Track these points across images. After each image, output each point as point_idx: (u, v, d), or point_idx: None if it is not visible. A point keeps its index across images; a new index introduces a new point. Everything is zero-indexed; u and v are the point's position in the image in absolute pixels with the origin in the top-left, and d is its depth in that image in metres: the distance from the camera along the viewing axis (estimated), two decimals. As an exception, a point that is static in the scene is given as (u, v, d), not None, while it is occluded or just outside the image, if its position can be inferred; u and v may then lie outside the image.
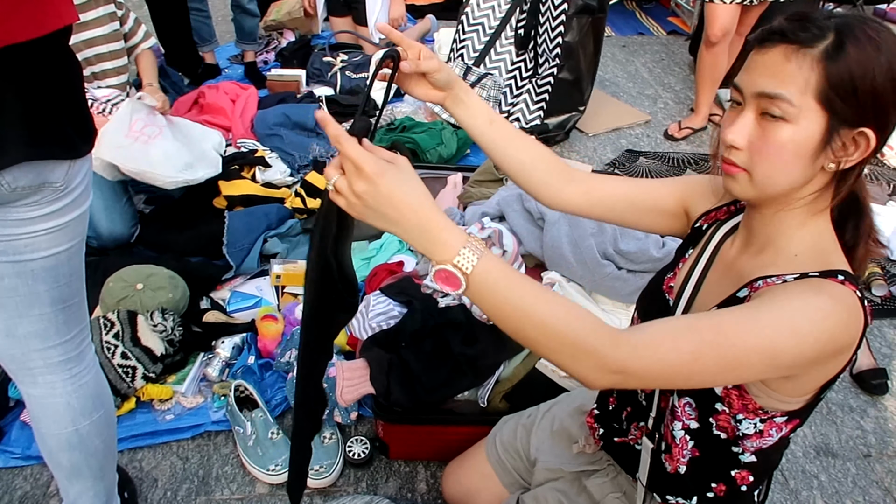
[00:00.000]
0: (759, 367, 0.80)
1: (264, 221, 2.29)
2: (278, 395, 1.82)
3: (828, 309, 0.80)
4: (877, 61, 0.79)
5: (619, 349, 0.77)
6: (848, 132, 0.81)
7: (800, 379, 0.87)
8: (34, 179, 0.99)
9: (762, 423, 0.92)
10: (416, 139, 2.83)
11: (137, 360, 1.80)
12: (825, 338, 0.80)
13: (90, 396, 1.25)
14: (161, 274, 1.98)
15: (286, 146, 2.80)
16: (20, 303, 1.10)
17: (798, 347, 0.79)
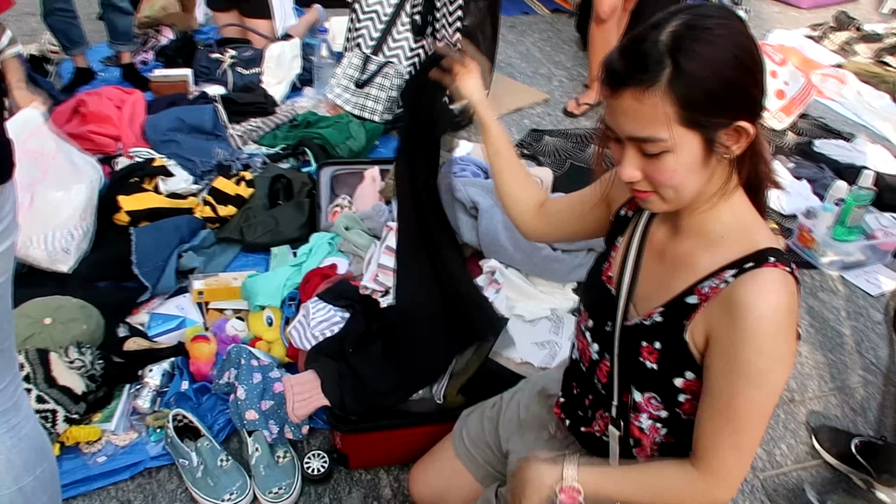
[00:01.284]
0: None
1: (176, 235, 2.15)
2: (220, 420, 1.72)
3: (783, 321, 0.87)
4: (719, 61, 0.82)
5: (702, 486, 0.96)
6: (725, 132, 0.85)
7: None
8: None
9: None
10: (324, 134, 2.74)
11: (56, 402, 1.64)
12: (791, 333, 0.89)
13: (32, 449, 1.12)
14: (70, 305, 1.81)
15: (185, 152, 2.62)
16: None
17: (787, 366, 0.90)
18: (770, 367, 0.88)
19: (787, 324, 0.88)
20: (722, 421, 0.92)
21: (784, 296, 0.88)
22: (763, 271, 0.88)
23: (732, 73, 0.82)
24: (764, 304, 0.87)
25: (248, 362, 1.70)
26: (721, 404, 0.92)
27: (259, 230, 2.26)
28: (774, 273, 0.88)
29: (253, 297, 1.88)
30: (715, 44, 0.82)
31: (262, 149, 2.76)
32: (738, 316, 0.87)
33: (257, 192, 2.41)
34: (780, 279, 0.88)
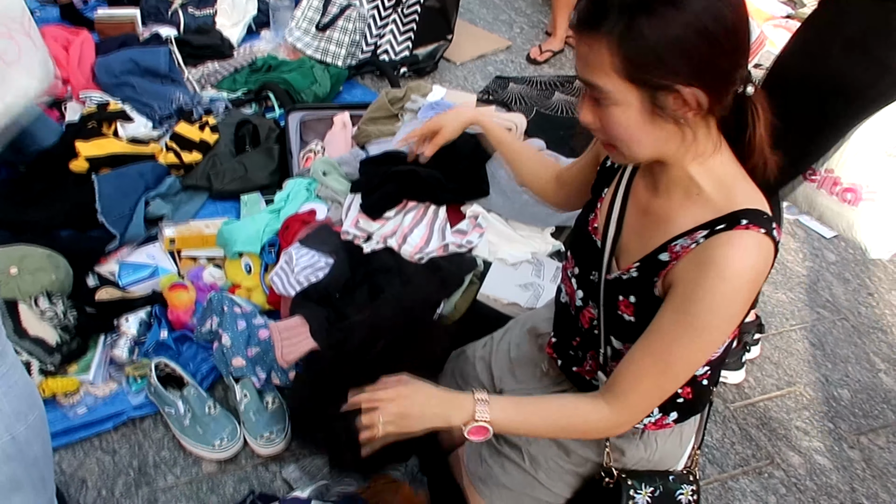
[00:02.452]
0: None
1: (141, 182, 2.06)
2: (203, 367, 1.69)
3: (744, 285, 0.88)
4: (679, 25, 0.80)
5: (612, 421, 1.00)
6: (672, 97, 0.84)
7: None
8: None
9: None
10: (288, 79, 2.65)
11: (29, 353, 1.58)
12: (749, 297, 0.90)
13: (21, 397, 1.08)
14: (36, 254, 1.72)
15: (141, 96, 2.50)
16: None
17: (733, 327, 0.94)
18: (717, 325, 0.91)
19: (748, 288, 0.89)
20: (652, 362, 0.96)
21: (751, 259, 0.88)
22: (734, 234, 0.88)
23: (692, 40, 0.81)
24: (728, 265, 0.87)
25: (231, 309, 1.67)
26: (658, 347, 0.95)
27: (227, 177, 2.19)
28: (745, 236, 0.88)
29: (231, 244, 1.84)
30: (683, 8, 0.80)
31: (224, 93, 2.66)
32: (702, 273, 0.89)
33: (222, 138, 2.33)
34: (751, 242, 0.88)
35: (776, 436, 1.72)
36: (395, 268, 1.72)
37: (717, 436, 1.71)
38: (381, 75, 2.99)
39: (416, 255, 1.72)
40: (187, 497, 1.47)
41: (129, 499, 1.46)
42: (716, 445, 1.69)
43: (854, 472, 1.65)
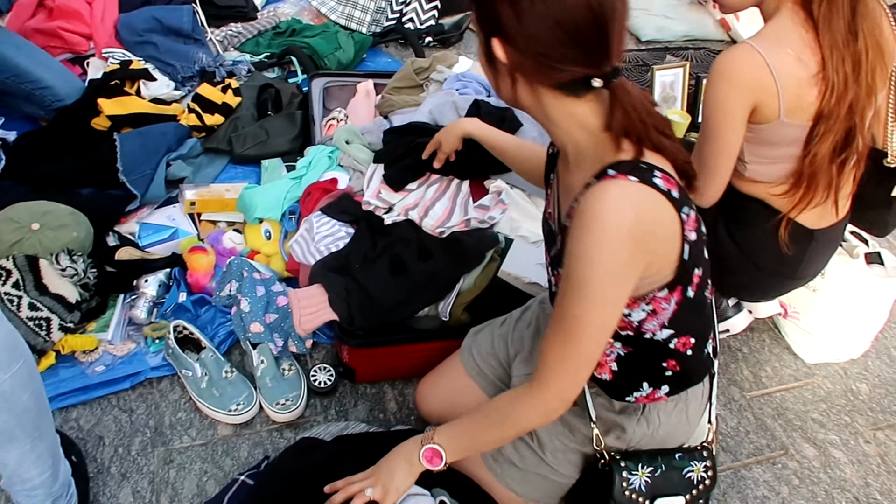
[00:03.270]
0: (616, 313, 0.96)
1: (163, 142, 2.05)
2: (221, 332, 1.69)
3: (613, 232, 0.88)
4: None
5: (540, 407, 1.02)
6: (489, 43, 0.92)
7: (656, 258, 0.95)
8: None
9: (648, 306, 1.01)
10: (311, 44, 2.61)
11: (49, 309, 1.58)
12: (629, 247, 0.89)
13: (3, 349, 1.07)
14: (58, 210, 1.72)
15: (163, 55, 2.47)
16: None
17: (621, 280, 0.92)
18: (598, 279, 0.90)
19: (623, 237, 0.88)
20: (554, 331, 0.98)
21: (618, 207, 0.88)
22: (599, 185, 0.90)
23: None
24: (595, 217, 0.89)
25: (251, 275, 1.67)
26: (556, 315, 0.97)
27: (249, 141, 2.17)
28: (610, 185, 0.90)
29: (251, 210, 1.83)
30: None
31: (246, 56, 2.63)
32: (576, 228, 0.91)
33: (244, 101, 2.31)
34: (618, 191, 0.89)
35: (791, 427, 1.71)
36: (416, 240, 1.70)
37: (732, 424, 1.70)
38: (405, 44, 2.94)
39: (437, 229, 1.71)
40: (203, 459, 1.48)
41: (144, 457, 1.47)
42: (730, 433, 1.68)
43: (869, 467, 1.64)
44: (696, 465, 1.17)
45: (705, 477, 1.17)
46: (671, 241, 0.95)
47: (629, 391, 1.14)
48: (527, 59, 0.90)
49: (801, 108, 1.31)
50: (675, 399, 1.18)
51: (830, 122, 1.31)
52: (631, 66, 3.05)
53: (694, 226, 0.97)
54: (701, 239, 1.00)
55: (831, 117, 1.30)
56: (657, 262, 0.95)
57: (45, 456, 1.18)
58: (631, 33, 3.35)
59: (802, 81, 1.29)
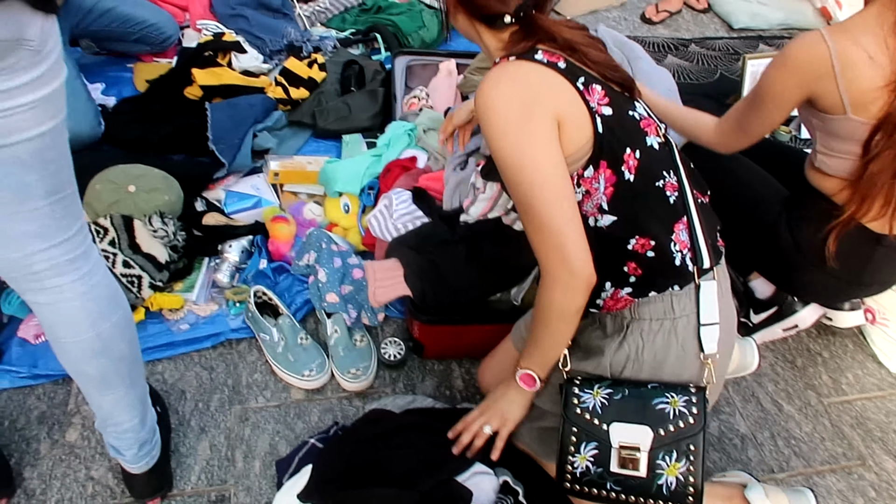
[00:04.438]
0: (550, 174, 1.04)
1: (251, 113, 2.11)
2: (297, 300, 1.75)
3: (493, 100, 1.03)
4: None
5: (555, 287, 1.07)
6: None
7: (561, 133, 1.05)
8: (10, 32, 0.85)
9: (581, 188, 1.08)
10: (396, 21, 2.64)
11: (141, 268, 1.67)
12: (516, 112, 1.02)
13: (105, 298, 1.13)
14: (152, 174, 1.81)
15: (254, 29, 2.55)
16: (11, 198, 0.96)
17: (534, 138, 1.02)
18: (511, 153, 1.02)
19: (500, 102, 1.02)
20: (526, 229, 1.07)
21: (493, 80, 1.04)
22: (491, 68, 1.09)
23: None
24: (481, 102, 1.04)
25: (329, 246, 1.71)
26: (520, 214, 1.08)
27: (331, 116, 2.22)
28: (494, 69, 1.07)
29: (332, 183, 1.87)
30: None
31: (332, 32, 2.67)
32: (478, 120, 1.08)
33: (329, 76, 2.35)
34: (495, 71, 1.06)
35: (871, 437, 1.64)
36: (495, 230, 1.70)
37: (807, 429, 1.65)
38: (488, 24, 2.92)
39: (517, 224, 1.70)
40: (276, 419, 1.54)
41: (222, 413, 1.55)
42: (804, 439, 1.63)
43: (953, 486, 1.56)
44: (672, 397, 1.08)
45: (686, 413, 1.06)
46: (571, 107, 1.04)
47: (596, 294, 1.14)
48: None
49: (867, 108, 1.26)
50: (658, 317, 1.12)
51: (894, 137, 1.25)
52: (721, 53, 2.95)
53: (604, 100, 1.06)
54: (623, 119, 1.08)
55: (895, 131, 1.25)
56: (566, 129, 1.04)
57: (135, 403, 1.26)
58: (723, 20, 3.23)
59: (870, 82, 1.23)
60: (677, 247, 1.11)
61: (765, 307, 1.77)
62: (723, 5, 3.24)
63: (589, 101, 1.05)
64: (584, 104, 1.04)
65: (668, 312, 1.12)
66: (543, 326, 1.13)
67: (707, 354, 1.12)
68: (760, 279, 1.76)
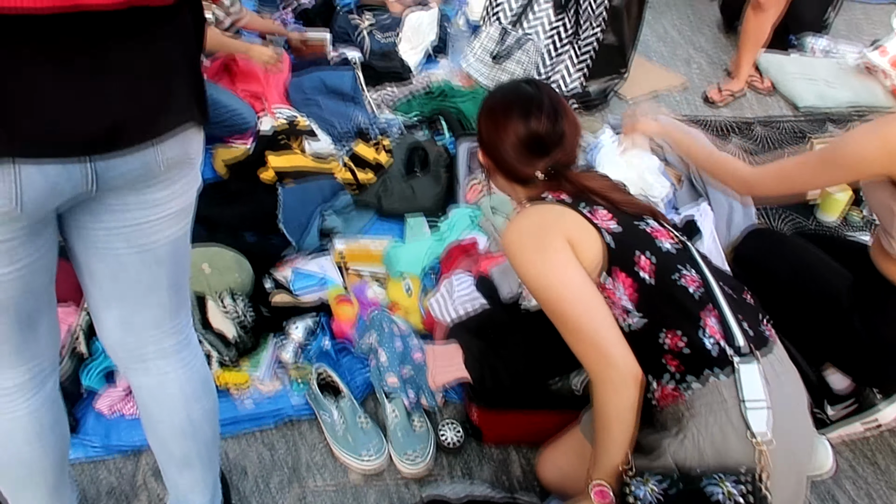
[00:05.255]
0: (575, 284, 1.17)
1: (319, 196, 2.22)
2: (357, 380, 1.78)
3: (518, 239, 1.21)
4: (482, 107, 1.35)
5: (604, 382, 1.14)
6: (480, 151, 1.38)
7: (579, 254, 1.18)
8: (182, 151, 0.93)
9: (606, 297, 1.17)
10: (460, 106, 2.74)
11: (211, 345, 1.74)
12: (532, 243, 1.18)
13: (200, 381, 1.19)
14: (226, 254, 1.90)
15: (325, 114, 2.69)
16: (143, 292, 1.04)
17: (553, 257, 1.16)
18: (538, 279, 1.16)
19: (527, 239, 1.19)
20: (568, 341, 1.16)
21: (517, 225, 1.22)
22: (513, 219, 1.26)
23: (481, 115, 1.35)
24: (505, 243, 1.22)
25: (390, 328, 1.75)
26: (560, 332, 1.18)
27: (396, 198, 2.29)
28: (513, 215, 1.25)
29: (395, 265, 1.92)
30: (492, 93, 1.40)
31: (399, 116, 2.80)
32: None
33: (395, 159, 2.45)
34: (516, 217, 1.25)
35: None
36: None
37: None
38: (550, 107, 3.00)
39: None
40: (333, 502, 1.54)
41: (281, 493, 1.56)
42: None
43: None
44: (726, 486, 1.05)
45: (735, 493, 1.04)
46: (582, 230, 1.18)
47: (645, 391, 1.17)
48: (497, 164, 1.33)
49: None
50: (710, 406, 1.10)
51: None
52: (786, 135, 2.92)
53: (609, 218, 1.20)
54: (642, 233, 1.21)
55: None
56: (580, 249, 1.16)
57: (209, 484, 1.30)
58: (787, 100, 3.21)
59: None
60: (708, 333, 1.14)
61: (842, 401, 1.69)
62: (788, 86, 3.23)
63: (593, 220, 1.19)
64: (590, 223, 1.18)
65: (719, 401, 1.12)
66: (605, 431, 1.15)
67: (755, 433, 1.08)
68: (836, 371, 1.68)
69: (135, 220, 0.97)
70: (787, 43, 3.56)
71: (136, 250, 1.00)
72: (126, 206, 0.95)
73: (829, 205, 2.37)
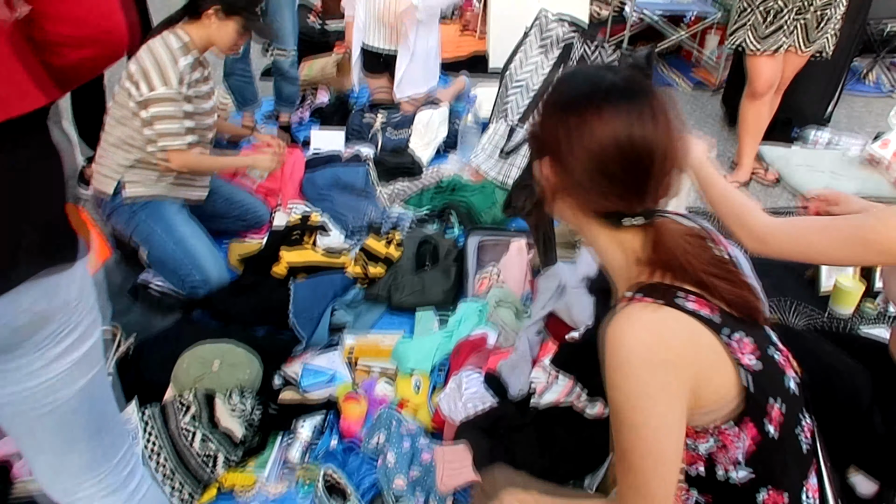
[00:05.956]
0: (666, 443, 0.91)
1: (330, 291, 2.24)
2: (366, 481, 1.73)
3: (635, 356, 0.87)
4: (550, 101, 0.97)
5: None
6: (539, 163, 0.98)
7: (700, 386, 0.90)
8: (51, 301, 0.85)
9: (717, 439, 0.94)
10: (470, 200, 2.80)
11: (218, 444, 1.72)
12: (652, 369, 0.87)
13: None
14: (237, 351, 1.91)
15: (337, 208, 2.76)
16: (62, 443, 1.01)
17: (651, 405, 0.88)
18: (623, 403, 0.88)
19: (638, 360, 0.86)
20: (617, 462, 0.95)
21: (633, 329, 0.88)
22: (620, 309, 0.91)
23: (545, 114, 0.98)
24: (610, 341, 0.89)
25: (399, 427, 1.72)
26: (615, 446, 0.94)
27: (406, 291, 2.31)
28: (629, 307, 0.90)
29: (404, 361, 1.91)
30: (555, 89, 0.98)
31: (410, 210, 2.85)
32: (602, 354, 0.91)
33: (405, 253, 2.48)
34: (635, 313, 0.89)
35: None
36: (567, 414, 1.67)
37: None
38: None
39: (587, 412, 1.68)
40: None
41: None
42: None
43: None
44: None
45: None
46: (716, 365, 0.91)
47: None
48: (569, 184, 0.95)
49: None
50: None
51: None
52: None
53: (751, 350, 0.92)
54: (776, 368, 0.95)
55: None
56: (706, 388, 0.90)
57: None
58: (793, 191, 3.25)
59: None
60: (809, 494, 1.01)
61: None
62: (794, 177, 3.28)
63: (734, 354, 0.91)
64: (730, 358, 0.91)
65: None
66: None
67: None
68: (861, 474, 1.62)
69: (31, 385, 0.91)
70: (791, 136, 3.64)
71: (46, 409, 0.95)
72: (17, 371, 0.88)
73: (843, 297, 2.36)
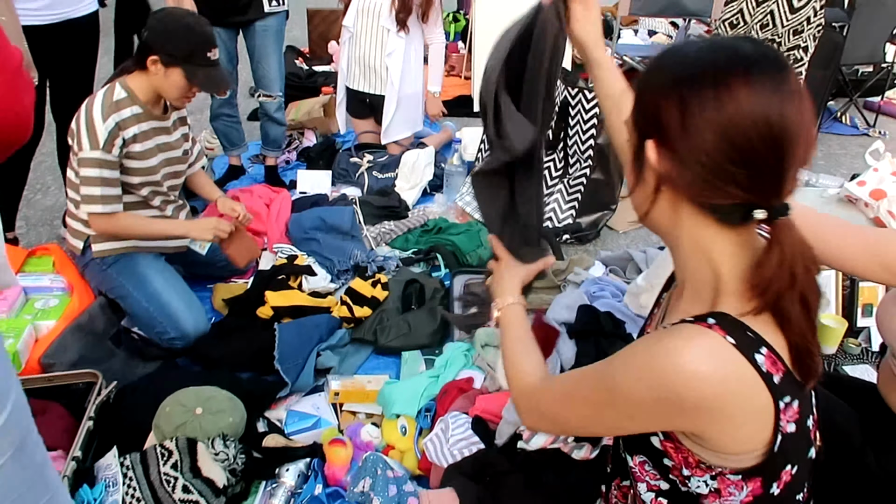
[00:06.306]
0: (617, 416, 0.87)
1: (316, 334, 2.22)
2: (350, 529, 1.71)
3: (669, 369, 0.78)
4: (655, 76, 0.83)
5: (520, 399, 1.05)
6: (642, 144, 0.83)
7: (719, 433, 0.82)
8: None
9: (713, 481, 0.88)
10: (455, 241, 2.81)
11: (200, 493, 1.68)
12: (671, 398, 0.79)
13: None
14: (220, 396, 1.88)
15: (323, 250, 2.76)
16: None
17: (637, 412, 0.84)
18: (620, 391, 0.84)
19: (673, 385, 0.78)
20: (564, 383, 0.98)
21: (696, 354, 0.78)
22: (693, 325, 0.81)
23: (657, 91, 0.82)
24: (660, 348, 0.81)
25: (384, 473, 1.69)
26: (578, 375, 0.94)
27: (392, 333, 2.30)
28: (704, 331, 0.80)
29: (390, 405, 1.90)
30: (661, 67, 0.83)
31: (396, 252, 2.86)
32: (644, 340, 0.88)
33: (391, 294, 2.48)
34: (707, 341, 0.79)
35: None
36: (555, 458, 1.66)
37: None
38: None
39: (574, 454, 1.67)
40: None
41: None
42: None
43: None
44: None
45: None
46: (755, 428, 0.82)
47: None
48: (683, 170, 0.79)
49: None
50: None
51: None
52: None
53: (795, 416, 0.84)
54: (802, 433, 0.87)
55: None
56: (727, 434, 0.82)
57: None
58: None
59: None
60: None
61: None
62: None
63: (780, 420, 0.83)
64: (774, 424, 0.83)
65: None
66: (512, 359, 1.11)
67: None
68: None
69: None
70: (770, 175, 3.71)
71: None
72: None
73: (826, 335, 2.38)
